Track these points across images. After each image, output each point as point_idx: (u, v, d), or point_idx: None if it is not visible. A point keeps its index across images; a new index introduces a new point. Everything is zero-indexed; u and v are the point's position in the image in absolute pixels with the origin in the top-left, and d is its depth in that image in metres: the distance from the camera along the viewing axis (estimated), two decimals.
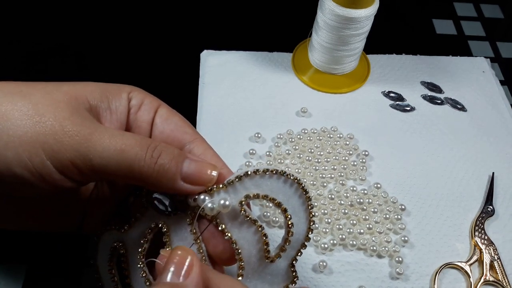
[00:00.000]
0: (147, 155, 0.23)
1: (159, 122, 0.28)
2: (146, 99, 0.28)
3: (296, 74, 0.46)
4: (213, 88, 0.45)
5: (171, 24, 0.51)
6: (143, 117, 0.28)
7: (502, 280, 0.34)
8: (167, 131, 0.28)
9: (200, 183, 0.24)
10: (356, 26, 0.41)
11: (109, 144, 0.22)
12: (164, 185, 0.24)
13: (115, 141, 0.23)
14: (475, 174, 0.40)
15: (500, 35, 0.54)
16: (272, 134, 0.42)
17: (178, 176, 0.23)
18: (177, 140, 0.28)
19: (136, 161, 0.23)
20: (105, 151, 0.22)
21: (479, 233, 0.36)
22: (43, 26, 0.50)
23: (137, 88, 0.28)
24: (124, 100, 0.27)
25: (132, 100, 0.28)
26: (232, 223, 0.25)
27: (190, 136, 0.28)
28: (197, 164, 0.24)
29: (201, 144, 0.28)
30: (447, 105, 0.45)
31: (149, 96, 0.28)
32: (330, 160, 0.40)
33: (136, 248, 0.26)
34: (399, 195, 0.38)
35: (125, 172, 0.23)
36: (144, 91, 0.29)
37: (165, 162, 0.23)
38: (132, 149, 0.23)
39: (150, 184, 0.24)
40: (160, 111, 0.28)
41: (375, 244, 0.35)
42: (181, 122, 0.28)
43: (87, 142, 0.22)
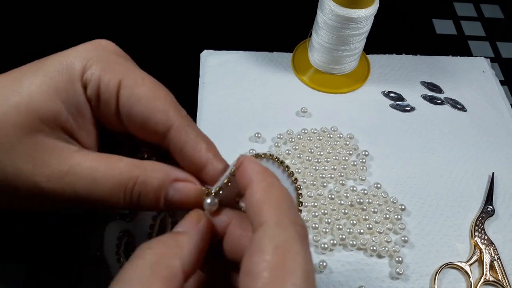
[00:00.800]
0: (126, 198, 0.21)
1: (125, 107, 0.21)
2: (102, 82, 0.21)
3: (296, 74, 0.46)
4: (213, 88, 0.45)
5: (171, 24, 0.51)
6: (107, 110, 0.22)
7: (502, 280, 0.34)
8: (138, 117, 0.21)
9: (185, 207, 0.22)
10: (356, 26, 0.41)
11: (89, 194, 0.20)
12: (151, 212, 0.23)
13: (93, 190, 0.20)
14: (475, 174, 0.40)
15: (500, 35, 0.54)
16: (272, 134, 0.42)
17: (162, 203, 0.21)
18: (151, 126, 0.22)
19: (115, 202, 0.21)
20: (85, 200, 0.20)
21: (479, 233, 0.36)
22: (43, 26, 0.50)
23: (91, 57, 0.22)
24: (81, 95, 0.21)
25: (88, 85, 0.21)
26: None
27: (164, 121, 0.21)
28: (180, 193, 0.21)
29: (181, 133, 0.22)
30: (447, 105, 0.45)
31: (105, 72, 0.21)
32: (330, 160, 0.40)
33: (143, 235, 0.26)
34: (399, 195, 0.38)
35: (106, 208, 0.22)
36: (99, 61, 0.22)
37: (143, 202, 0.21)
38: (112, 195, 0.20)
39: None
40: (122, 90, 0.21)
41: (375, 244, 0.35)
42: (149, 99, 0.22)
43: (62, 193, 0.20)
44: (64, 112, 0.21)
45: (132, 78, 0.22)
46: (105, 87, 0.21)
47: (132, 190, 0.21)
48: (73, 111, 0.21)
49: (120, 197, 0.21)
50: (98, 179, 0.20)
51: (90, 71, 0.21)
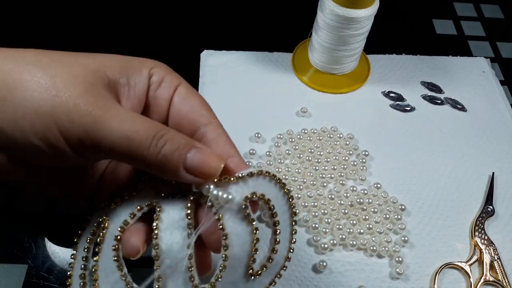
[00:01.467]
0: (152, 144, 0.23)
1: (177, 101, 0.27)
2: (167, 76, 0.28)
3: (296, 74, 0.46)
4: (213, 88, 0.45)
5: (171, 24, 0.51)
6: (162, 95, 0.27)
7: (502, 280, 0.34)
8: (183, 111, 0.27)
9: (204, 175, 0.24)
10: (356, 26, 0.41)
11: (117, 129, 0.23)
12: (168, 175, 0.24)
13: (123, 126, 0.23)
14: (475, 174, 0.40)
15: (500, 35, 0.54)
16: (272, 134, 0.42)
17: (181, 166, 0.23)
18: (192, 122, 0.27)
19: (140, 149, 0.23)
20: (113, 135, 0.22)
21: (479, 233, 0.36)
22: (43, 26, 0.50)
23: (160, 64, 0.28)
24: (144, 77, 0.27)
25: (153, 76, 0.27)
26: (230, 215, 0.24)
27: (205, 119, 0.27)
28: (202, 155, 0.24)
29: (216, 129, 0.27)
30: (447, 105, 0.45)
31: (171, 73, 0.28)
32: (330, 160, 0.40)
33: (118, 222, 0.25)
34: (399, 195, 0.38)
35: (130, 158, 0.23)
36: (167, 67, 0.28)
37: (168, 152, 0.23)
38: (139, 136, 0.23)
39: (154, 171, 0.24)
40: (179, 89, 0.28)
41: (375, 244, 0.35)
42: (198, 103, 0.28)
43: (96, 125, 0.22)
44: (123, 79, 0.26)
45: (187, 84, 0.28)
46: (169, 80, 0.27)
47: (161, 137, 0.23)
48: (129, 83, 0.26)
49: (149, 141, 0.23)
50: (133, 121, 0.23)
51: (158, 69, 0.28)
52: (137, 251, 0.25)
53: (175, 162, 0.23)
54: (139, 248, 0.25)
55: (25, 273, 0.33)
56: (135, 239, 0.25)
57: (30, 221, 0.35)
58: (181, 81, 0.28)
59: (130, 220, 0.25)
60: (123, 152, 0.23)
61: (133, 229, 0.25)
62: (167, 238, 0.24)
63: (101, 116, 0.23)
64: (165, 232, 0.24)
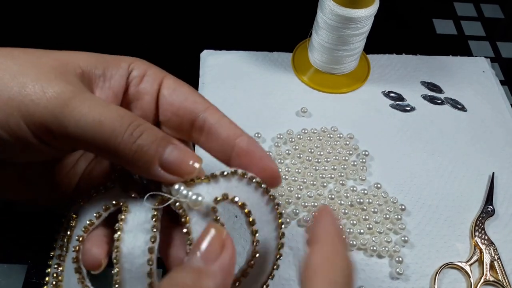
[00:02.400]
0: (127, 132, 0.21)
1: (167, 94, 0.26)
2: (149, 70, 0.26)
3: (296, 74, 0.46)
4: (213, 88, 0.45)
5: (171, 24, 0.51)
6: (146, 89, 0.26)
7: (502, 280, 0.34)
8: (176, 102, 0.26)
9: (179, 174, 0.22)
10: (356, 26, 0.41)
11: (88, 113, 0.21)
12: (140, 168, 0.22)
13: (95, 111, 0.21)
14: (475, 174, 0.40)
15: (500, 35, 0.54)
16: (272, 134, 0.42)
17: (156, 161, 0.22)
18: (189, 111, 0.26)
19: (113, 136, 0.21)
20: (82, 119, 0.21)
21: (479, 233, 0.36)
22: (43, 26, 0.50)
23: (139, 59, 0.27)
24: (123, 70, 0.25)
25: (133, 71, 0.26)
26: (198, 219, 0.22)
27: (201, 106, 0.26)
28: (180, 152, 0.22)
29: (215, 113, 0.26)
30: (447, 105, 0.45)
31: (153, 67, 0.27)
32: (330, 160, 0.40)
33: (85, 220, 0.24)
34: (399, 195, 0.38)
35: (100, 146, 0.21)
36: (148, 62, 0.27)
37: (144, 143, 0.21)
38: (112, 123, 0.21)
39: (125, 163, 0.22)
40: (166, 82, 0.26)
41: (375, 244, 0.35)
42: (190, 91, 0.27)
43: (64, 107, 0.21)
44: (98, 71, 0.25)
45: (172, 76, 0.27)
46: (151, 74, 0.26)
47: (136, 127, 0.22)
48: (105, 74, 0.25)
49: (123, 128, 0.21)
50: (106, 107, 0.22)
51: (138, 63, 0.26)
52: (98, 264, 0.23)
53: (151, 155, 0.21)
54: (100, 260, 0.23)
55: (25, 273, 0.33)
56: (96, 250, 0.23)
57: (30, 221, 0.35)
58: (165, 74, 0.27)
59: (96, 220, 0.24)
60: (93, 139, 0.21)
61: (96, 238, 0.24)
62: (129, 241, 0.22)
63: (70, 99, 0.21)
64: (128, 234, 0.23)
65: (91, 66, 0.24)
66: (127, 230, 0.23)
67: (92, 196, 0.25)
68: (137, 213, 0.23)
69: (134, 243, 0.22)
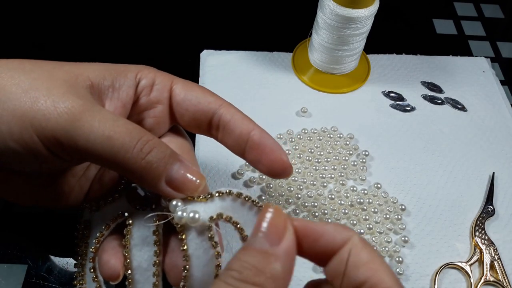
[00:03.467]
0: (136, 148, 0.22)
1: (180, 99, 0.27)
2: (157, 78, 0.27)
3: (296, 74, 0.46)
4: (213, 88, 0.44)
5: (170, 24, 0.51)
6: (157, 98, 0.27)
7: (503, 280, 0.34)
8: (191, 107, 0.27)
9: (184, 191, 0.23)
10: (356, 26, 0.41)
11: (98, 128, 0.21)
12: (147, 183, 0.23)
13: (105, 125, 0.22)
14: (475, 174, 0.40)
15: (500, 35, 0.54)
16: (272, 134, 0.41)
17: (163, 178, 0.22)
18: (206, 112, 0.27)
19: (122, 151, 0.22)
20: (92, 134, 0.21)
21: (479, 233, 0.36)
22: (42, 26, 0.50)
23: (145, 67, 0.27)
24: (131, 80, 0.26)
25: (141, 81, 0.26)
26: (193, 236, 0.23)
27: (215, 104, 0.27)
28: (186, 170, 0.23)
29: (229, 109, 0.27)
30: (447, 105, 0.45)
31: (160, 74, 0.27)
32: (330, 160, 0.40)
33: (96, 230, 0.25)
34: (399, 195, 0.38)
35: (109, 160, 0.22)
36: (154, 69, 0.27)
37: (153, 160, 0.22)
38: (121, 137, 0.22)
39: (133, 178, 0.23)
40: (175, 87, 0.27)
41: (376, 244, 0.35)
42: (201, 92, 0.27)
43: (75, 122, 0.21)
44: (107, 82, 0.25)
45: (180, 79, 0.28)
46: (160, 81, 0.27)
47: (145, 144, 0.22)
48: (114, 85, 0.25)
49: (133, 143, 0.22)
50: (116, 121, 0.22)
51: (145, 72, 0.27)
52: (117, 275, 0.24)
53: (159, 172, 0.22)
54: (119, 271, 0.24)
55: (25, 273, 0.33)
56: (114, 262, 0.24)
57: (30, 221, 0.35)
58: (173, 79, 0.27)
59: (105, 231, 0.25)
60: (103, 153, 0.22)
61: (113, 249, 0.25)
62: (137, 255, 0.24)
63: (81, 113, 0.22)
64: (136, 248, 0.24)
65: (100, 78, 0.25)
66: (134, 244, 0.24)
67: (101, 206, 0.26)
68: (141, 227, 0.24)
69: (141, 257, 0.24)
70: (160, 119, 0.28)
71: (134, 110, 0.27)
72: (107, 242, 0.25)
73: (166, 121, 0.28)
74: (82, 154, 0.22)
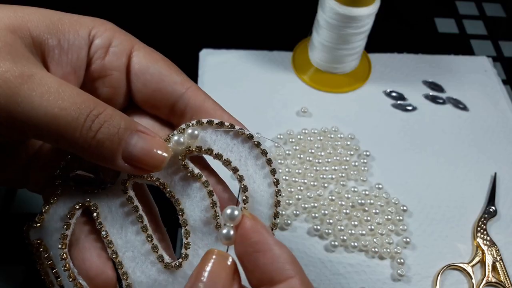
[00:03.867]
0: (85, 126, 0.19)
1: (138, 70, 0.22)
2: (115, 39, 0.22)
3: (296, 74, 0.46)
4: (212, 87, 0.44)
5: (169, 23, 0.51)
6: (112, 64, 0.22)
7: (505, 281, 0.34)
8: (151, 83, 0.22)
9: (145, 167, 0.20)
10: (357, 25, 0.40)
11: (40, 104, 0.18)
12: (102, 162, 0.20)
13: (48, 100, 0.18)
14: (477, 174, 0.40)
15: (502, 34, 0.54)
16: (272, 134, 0.41)
17: (119, 155, 0.20)
18: (168, 95, 0.23)
19: (69, 130, 0.18)
20: (33, 111, 0.18)
21: (481, 234, 0.36)
22: None
23: (102, 22, 0.23)
24: (82, 38, 0.21)
25: (95, 39, 0.22)
26: (174, 180, 0.22)
27: (181, 86, 0.23)
28: (145, 143, 0.20)
29: (197, 94, 0.23)
30: (449, 104, 0.45)
31: (118, 33, 0.23)
32: (331, 161, 0.39)
33: (56, 235, 0.22)
34: (400, 196, 0.38)
35: (56, 140, 0.19)
36: (112, 26, 0.23)
37: (105, 137, 0.19)
38: (67, 114, 0.18)
39: (86, 157, 0.20)
40: (136, 54, 0.23)
41: (377, 245, 0.35)
42: (166, 67, 0.23)
43: (13, 97, 0.18)
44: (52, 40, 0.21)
45: (143, 45, 0.23)
46: (118, 43, 0.22)
47: (94, 119, 0.19)
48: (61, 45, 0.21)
49: (80, 121, 0.18)
50: (61, 93, 0.18)
51: (100, 29, 0.22)
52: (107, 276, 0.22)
53: (113, 150, 0.19)
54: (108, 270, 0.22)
55: (24, 274, 0.32)
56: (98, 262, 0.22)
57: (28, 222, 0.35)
58: (134, 43, 0.23)
59: (67, 230, 0.22)
60: (47, 133, 0.19)
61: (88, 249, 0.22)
62: (120, 232, 0.22)
63: (20, 86, 0.18)
64: (114, 226, 0.22)
65: (43, 34, 0.20)
66: (110, 226, 0.23)
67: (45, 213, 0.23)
68: (111, 207, 0.23)
69: (125, 233, 0.23)
70: (116, 90, 0.23)
71: (87, 77, 0.23)
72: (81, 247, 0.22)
73: (124, 91, 0.24)
74: (25, 134, 0.19)
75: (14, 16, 0.20)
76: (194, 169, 0.23)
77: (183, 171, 0.22)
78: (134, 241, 0.23)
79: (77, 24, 0.22)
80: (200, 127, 0.22)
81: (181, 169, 0.22)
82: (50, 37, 0.21)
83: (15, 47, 0.19)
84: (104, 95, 0.23)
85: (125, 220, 0.23)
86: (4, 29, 0.19)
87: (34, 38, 0.20)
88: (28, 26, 0.20)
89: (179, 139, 0.22)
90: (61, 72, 0.21)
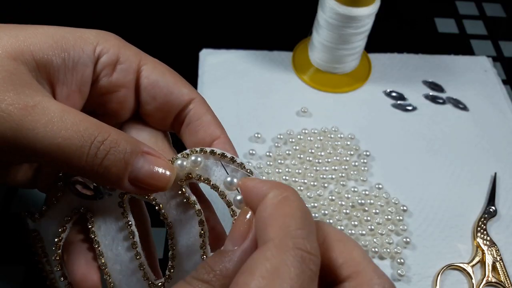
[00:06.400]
0: (90, 154, 0.19)
1: (148, 84, 0.23)
2: (121, 55, 0.22)
3: (296, 73, 0.46)
4: (212, 87, 0.44)
5: (169, 23, 0.51)
6: (120, 81, 0.22)
7: (505, 281, 0.34)
8: (161, 96, 0.23)
9: (151, 188, 0.21)
10: (357, 25, 0.40)
11: (44, 135, 0.18)
12: (109, 185, 0.21)
13: (51, 130, 0.18)
14: (477, 174, 0.40)
15: (502, 34, 0.54)
16: (272, 134, 0.41)
17: (125, 178, 0.20)
18: (176, 106, 0.23)
19: (75, 158, 0.19)
20: (38, 143, 0.18)
21: (481, 234, 0.36)
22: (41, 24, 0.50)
23: (106, 36, 0.22)
24: (87, 56, 0.21)
25: (101, 57, 0.22)
26: (169, 203, 0.23)
27: (188, 97, 0.23)
28: (150, 166, 0.20)
29: (200, 107, 0.24)
30: (449, 104, 0.45)
31: (124, 49, 0.23)
32: (331, 161, 0.39)
33: (51, 237, 0.23)
34: (400, 196, 0.38)
35: (63, 167, 0.20)
36: (117, 40, 0.23)
37: (111, 164, 0.19)
38: (71, 143, 0.19)
39: (93, 180, 0.21)
40: (144, 69, 0.23)
41: (377, 245, 0.35)
42: (173, 79, 0.23)
43: (18, 129, 0.18)
44: (57, 60, 0.21)
45: (150, 59, 0.24)
46: (125, 59, 0.22)
47: (99, 146, 0.19)
48: (66, 64, 0.21)
49: (85, 150, 0.19)
50: (64, 122, 0.19)
51: (106, 45, 0.22)
52: None
53: (119, 174, 0.20)
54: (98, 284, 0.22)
55: (23, 274, 0.32)
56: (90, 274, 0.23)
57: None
58: (141, 57, 0.23)
59: (62, 233, 0.23)
60: (53, 161, 0.19)
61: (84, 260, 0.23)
62: (111, 244, 0.23)
63: (24, 119, 0.18)
64: (106, 238, 0.23)
65: (48, 54, 0.20)
66: (102, 235, 0.23)
67: (45, 210, 0.24)
68: (106, 216, 0.23)
69: (116, 246, 0.23)
70: (124, 104, 0.24)
71: (93, 92, 0.23)
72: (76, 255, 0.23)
73: (132, 106, 0.24)
74: (29, 160, 0.20)
75: (16, 41, 0.20)
76: (190, 196, 0.23)
77: (180, 196, 0.23)
78: (124, 256, 0.23)
79: (81, 41, 0.21)
80: (204, 155, 0.22)
81: (178, 194, 0.22)
82: (55, 58, 0.21)
83: (18, 75, 0.19)
84: (111, 109, 0.24)
85: (118, 234, 0.23)
86: (6, 57, 0.19)
87: (38, 61, 0.20)
88: (31, 49, 0.20)
89: (182, 163, 0.22)
90: (66, 91, 0.21)
